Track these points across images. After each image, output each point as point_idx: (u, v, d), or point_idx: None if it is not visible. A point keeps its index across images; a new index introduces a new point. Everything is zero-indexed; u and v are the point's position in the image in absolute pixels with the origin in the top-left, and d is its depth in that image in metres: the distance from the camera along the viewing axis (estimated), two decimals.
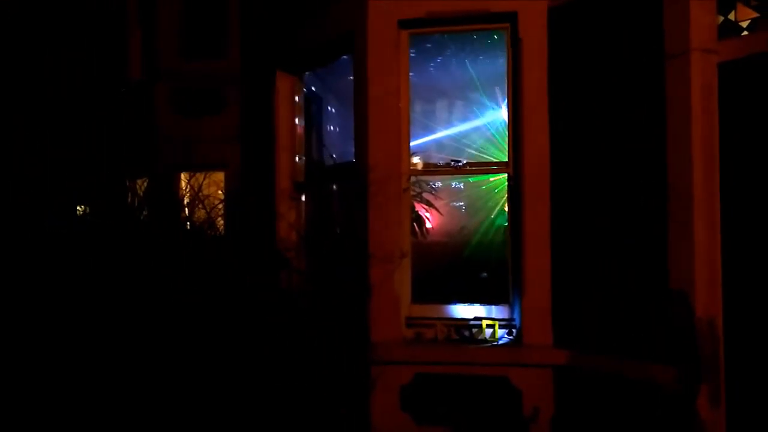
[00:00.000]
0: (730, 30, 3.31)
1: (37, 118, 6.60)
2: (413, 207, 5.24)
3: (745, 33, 3.26)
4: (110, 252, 3.86)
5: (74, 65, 6.82)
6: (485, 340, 4.07)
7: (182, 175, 5.63)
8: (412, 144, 4.39)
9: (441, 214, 6.55)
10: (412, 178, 4.51)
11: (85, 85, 6.79)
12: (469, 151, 6.41)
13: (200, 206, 4.30)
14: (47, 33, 6.87)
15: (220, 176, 6.06)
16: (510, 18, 4.06)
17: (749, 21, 3.25)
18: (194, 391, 3.43)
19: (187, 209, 4.65)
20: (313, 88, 5.74)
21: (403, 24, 4.19)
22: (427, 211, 6.38)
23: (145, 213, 4.24)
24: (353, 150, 4.35)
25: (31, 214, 4.28)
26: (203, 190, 4.62)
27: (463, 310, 4.25)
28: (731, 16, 3.31)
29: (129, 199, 4.46)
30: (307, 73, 5.33)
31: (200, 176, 4.48)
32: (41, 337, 3.60)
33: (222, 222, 4.65)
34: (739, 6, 3.30)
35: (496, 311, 4.20)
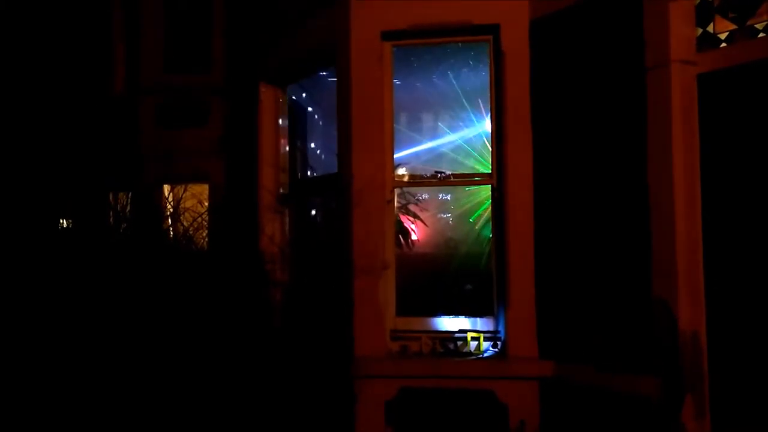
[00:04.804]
0: (709, 42, 3.34)
1: (20, 130, 6.52)
2: (398, 218, 5.21)
3: (724, 45, 3.29)
4: (90, 267, 3.79)
5: (57, 79, 6.75)
6: (470, 353, 4.03)
7: (165, 188, 5.58)
8: (396, 156, 4.38)
9: (426, 225, 6.50)
10: (398, 190, 4.49)
11: (68, 99, 6.73)
12: (454, 162, 6.40)
13: (181, 220, 4.24)
14: (30, 45, 6.81)
15: (204, 188, 6.00)
16: (493, 30, 4.08)
17: (727, 33, 3.28)
18: (166, 414, 3.35)
19: (170, 220, 4.59)
20: (297, 100, 5.72)
21: (387, 36, 4.19)
22: (412, 223, 6.35)
23: (124, 226, 4.17)
24: (337, 161, 4.33)
25: (14, 227, 4.20)
26: (185, 202, 4.56)
27: (448, 323, 4.22)
28: (710, 29, 3.34)
29: (111, 214, 4.39)
30: (291, 84, 5.31)
31: (179, 189, 4.41)
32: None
33: (205, 234, 4.58)
34: (718, 18, 3.33)
35: (481, 323, 4.17)
